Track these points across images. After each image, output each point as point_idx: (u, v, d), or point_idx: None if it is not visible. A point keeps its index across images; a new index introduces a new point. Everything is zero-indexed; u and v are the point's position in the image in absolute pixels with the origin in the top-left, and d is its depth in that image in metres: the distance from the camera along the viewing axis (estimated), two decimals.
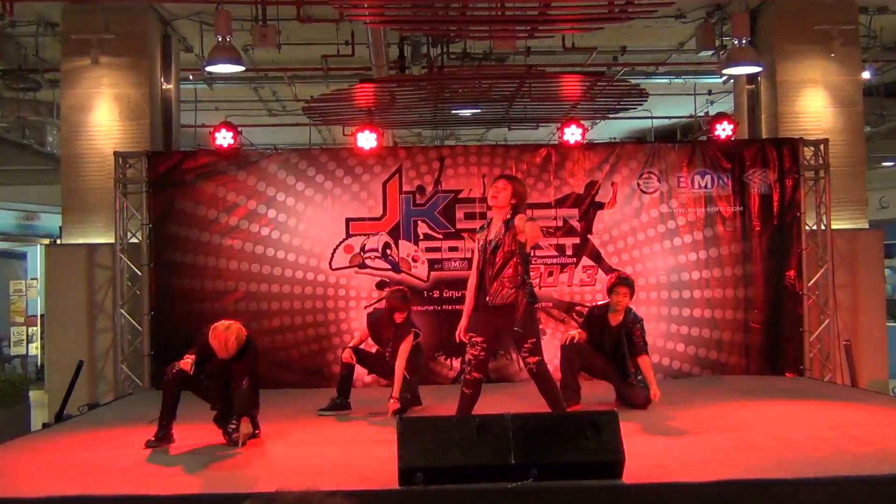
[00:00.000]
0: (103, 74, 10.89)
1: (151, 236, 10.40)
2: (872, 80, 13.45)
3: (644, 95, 12.52)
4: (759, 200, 10.51)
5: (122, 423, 7.98)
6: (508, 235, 6.61)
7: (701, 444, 6.52)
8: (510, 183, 6.81)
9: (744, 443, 6.48)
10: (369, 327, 8.47)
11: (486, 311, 6.70)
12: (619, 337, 8.07)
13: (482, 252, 6.76)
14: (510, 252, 6.59)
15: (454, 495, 5.09)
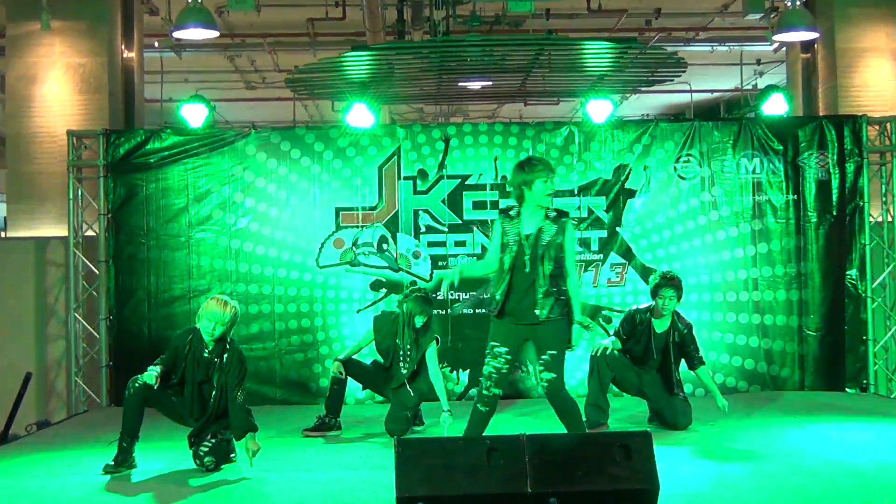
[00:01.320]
0: (55, 41, 10.90)
1: (110, 228, 10.39)
2: None
3: (682, 66, 12.49)
4: (816, 188, 10.49)
5: (76, 445, 7.97)
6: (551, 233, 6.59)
7: (748, 471, 6.51)
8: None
9: (797, 469, 6.48)
10: (376, 332, 8.44)
11: (514, 318, 6.69)
12: (667, 345, 8.07)
13: (517, 245, 6.73)
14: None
15: None
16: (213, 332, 6.73)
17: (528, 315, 6.54)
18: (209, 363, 6.80)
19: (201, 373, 6.81)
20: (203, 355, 6.81)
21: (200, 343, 6.82)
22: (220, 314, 6.72)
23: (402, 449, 5.25)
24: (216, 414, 6.84)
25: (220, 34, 11.10)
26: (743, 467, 6.65)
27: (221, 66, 15.14)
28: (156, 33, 12.65)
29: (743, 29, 13.49)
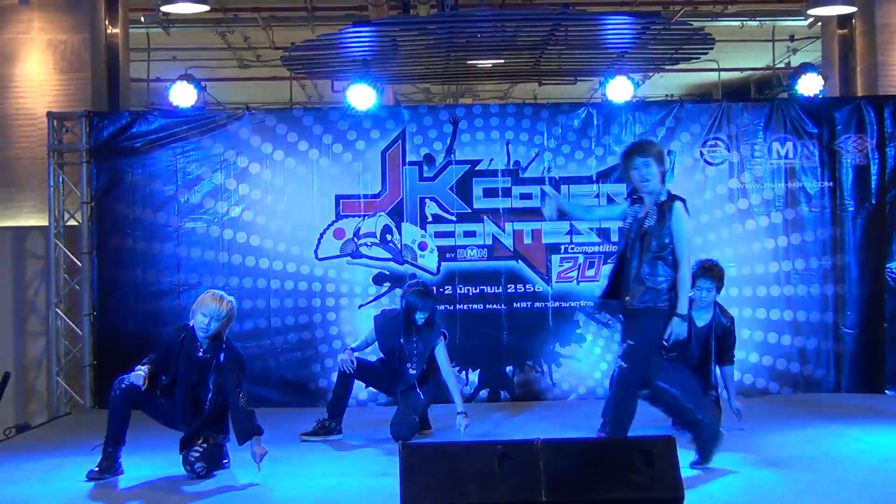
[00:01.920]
0: (34, 17, 10.92)
1: (94, 217, 10.42)
2: None
3: (709, 42, 12.46)
4: (854, 174, 10.49)
5: (58, 450, 8.00)
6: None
7: (780, 479, 6.52)
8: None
9: (832, 476, 6.50)
10: (378, 333, 8.45)
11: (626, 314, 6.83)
12: (708, 340, 8.06)
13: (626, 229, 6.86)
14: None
15: None
16: (207, 329, 6.76)
17: (623, 301, 6.77)
18: (204, 363, 6.84)
19: (195, 374, 6.84)
20: (197, 355, 6.85)
21: (194, 342, 6.85)
22: (216, 310, 6.76)
23: (408, 455, 5.27)
24: (211, 418, 6.86)
25: (210, 8, 11.13)
26: (773, 475, 6.65)
27: (212, 43, 15.14)
28: (142, 7, 12.65)
29: (775, 2, 13.47)
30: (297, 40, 12.63)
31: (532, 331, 10.41)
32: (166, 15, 11.85)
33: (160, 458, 7.35)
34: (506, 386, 10.41)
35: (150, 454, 7.58)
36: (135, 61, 12.97)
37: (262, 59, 15.89)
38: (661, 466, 5.27)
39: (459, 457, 5.42)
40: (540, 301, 10.43)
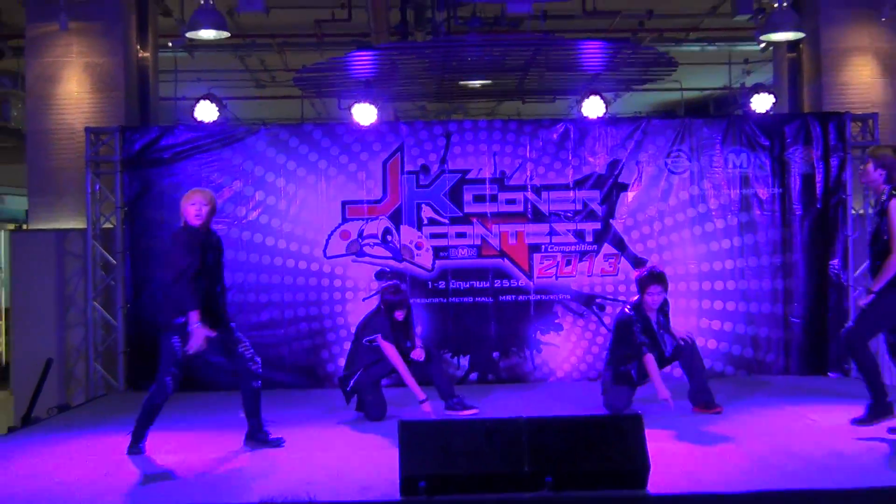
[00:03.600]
0: (73, 41, 10.90)
1: (127, 221, 10.42)
2: None
3: (673, 65, 12.47)
4: (801, 181, 10.50)
5: (95, 427, 8.01)
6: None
7: (734, 452, 6.53)
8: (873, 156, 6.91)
9: (782, 449, 6.51)
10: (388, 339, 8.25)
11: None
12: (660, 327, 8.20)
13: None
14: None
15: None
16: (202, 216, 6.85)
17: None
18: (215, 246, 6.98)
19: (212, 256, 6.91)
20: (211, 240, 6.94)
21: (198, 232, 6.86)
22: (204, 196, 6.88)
23: (406, 430, 5.28)
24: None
25: (230, 34, 11.10)
26: (729, 448, 6.66)
27: (232, 66, 15.12)
28: (169, 34, 12.62)
29: (731, 29, 13.46)
30: (308, 63, 12.64)
31: (516, 321, 10.42)
32: (191, 41, 11.82)
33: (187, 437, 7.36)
34: (493, 369, 10.43)
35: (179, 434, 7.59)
36: (163, 82, 12.94)
37: (276, 79, 15.87)
38: (631, 441, 5.28)
39: (451, 432, 5.43)
40: (523, 294, 10.43)
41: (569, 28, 12.84)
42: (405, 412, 8.08)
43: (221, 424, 7.75)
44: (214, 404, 8.90)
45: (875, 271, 6.87)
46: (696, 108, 17.47)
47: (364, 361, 8.17)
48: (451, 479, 5.14)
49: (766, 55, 13.67)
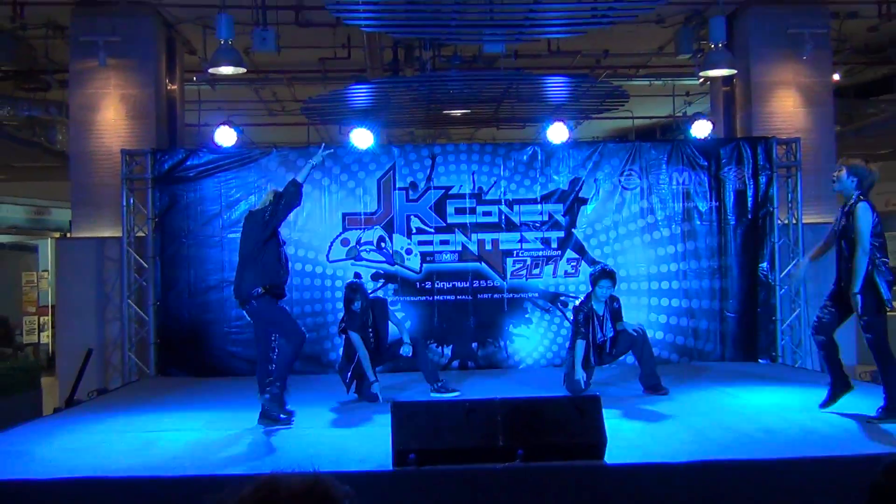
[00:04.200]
0: (110, 75, 10.86)
1: (157, 230, 10.38)
2: (842, 81, 13.48)
3: (625, 96, 12.53)
4: (735, 196, 10.54)
5: (129, 408, 7.96)
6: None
7: (679, 427, 6.54)
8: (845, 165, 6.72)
9: (719, 425, 6.52)
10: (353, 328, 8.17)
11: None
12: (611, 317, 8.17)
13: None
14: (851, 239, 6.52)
15: (445, 476, 5.11)
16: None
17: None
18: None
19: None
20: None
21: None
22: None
23: (398, 410, 5.27)
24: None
25: (247, 70, 11.08)
26: (674, 424, 6.68)
27: (248, 97, 15.07)
28: (194, 69, 12.59)
29: (675, 66, 13.50)
30: (313, 95, 12.65)
31: (492, 315, 10.42)
32: (213, 75, 11.77)
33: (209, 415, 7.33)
34: (472, 358, 10.42)
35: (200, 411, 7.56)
36: (188, 110, 12.90)
37: (286, 108, 15.83)
38: (590, 418, 5.28)
39: (437, 411, 5.43)
40: (498, 293, 10.43)
41: (536, 65, 12.85)
42: (397, 395, 8.06)
43: (239, 406, 7.71)
44: (233, 388, 8.86)
45: (844, 269, 6.62)
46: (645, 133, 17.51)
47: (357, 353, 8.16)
48: (436, 452, 5.13)
49: (705, 88, 13.72)
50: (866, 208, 6.42)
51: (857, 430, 6.25)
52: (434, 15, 9.05)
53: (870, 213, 6.41)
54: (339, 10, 8.87)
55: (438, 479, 5.10)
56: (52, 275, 16.16)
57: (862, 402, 6.79)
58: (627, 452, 5.51)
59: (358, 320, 8.09)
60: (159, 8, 10.98)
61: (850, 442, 5.81)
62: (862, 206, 6.45)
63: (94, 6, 10.65)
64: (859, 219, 6.42)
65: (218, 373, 9.88)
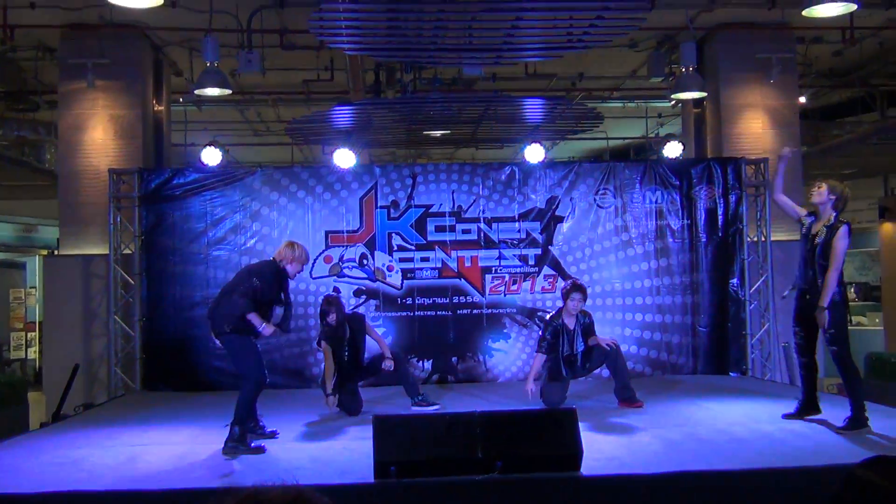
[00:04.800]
0: (98, 96, 10.81)
1: (143, 248, 10.31)
2: (808, 104, 13.63)
3: (600, 118, 12.60)
4: (706, 214, 10.60)
5: (115, 423, 7.88)
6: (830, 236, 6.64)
7: (653, 439, 6.54)
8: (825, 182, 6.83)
9: (692, 437, 6.54)
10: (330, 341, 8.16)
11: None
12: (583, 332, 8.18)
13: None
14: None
15: (426, 487, 5.09)
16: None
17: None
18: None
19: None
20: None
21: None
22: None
23: (379, 423, 5.25)
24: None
25: (232, 92, 11.06)
26: (649, 435, 6.68)
27: (234, 118, 15.05)
28: (180, 91, 12.56)
29: (648, 89, 13.60)
30: (297, 115, 12.65)
31: (471, 331, 10.41)
32: (199, 97, 11.76)
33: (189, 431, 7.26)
34: (452, 372, 10.40)
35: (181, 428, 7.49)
36: (175, 131, 12.86)
37: (270, 129, 15.81)
38: (566, 430, 5.28)
39: (418, 424, 5.41)
40: (477, 308, 10.43)
41: (514, 87, 12.91)
42: (378, 408, 8.03)
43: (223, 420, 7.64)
44: (218, 403, 8.79)
45: (811, 281, 6.70)
46: (619, 153, 17.62)
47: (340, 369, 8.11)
48: (417, 464, 5.11)
49: (676, 110, 13.83)
50: (847, 233, 6.61)
51: (824, 441, 6.28)
52: (415, 39, 9.07)
53: (848, 238, 6.61)
54: (322, 33, 8.88)
55: (419, 490, 5.08)
56: (39, 291, 16.01)
57: (829, 413, 6.84)
58: (603, 464, 5.51)
59: (332, 333, 8.06)
60: (147, 31, 10.95)
61: (818, 453, 5.83)
62: (845, 229, 6.64)
63: (83, 29, 10.61)
64: (840, 239, 6.55)
65: (203, 387, 9.81)
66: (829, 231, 6.64)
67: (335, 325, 8.06)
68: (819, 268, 6.64)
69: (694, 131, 12.03)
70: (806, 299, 6.78)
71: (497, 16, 8.35)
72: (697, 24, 10.90)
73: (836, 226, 6.63)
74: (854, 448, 5.92)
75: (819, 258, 6.64)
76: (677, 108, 13.40)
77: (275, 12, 10.30)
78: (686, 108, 12.38)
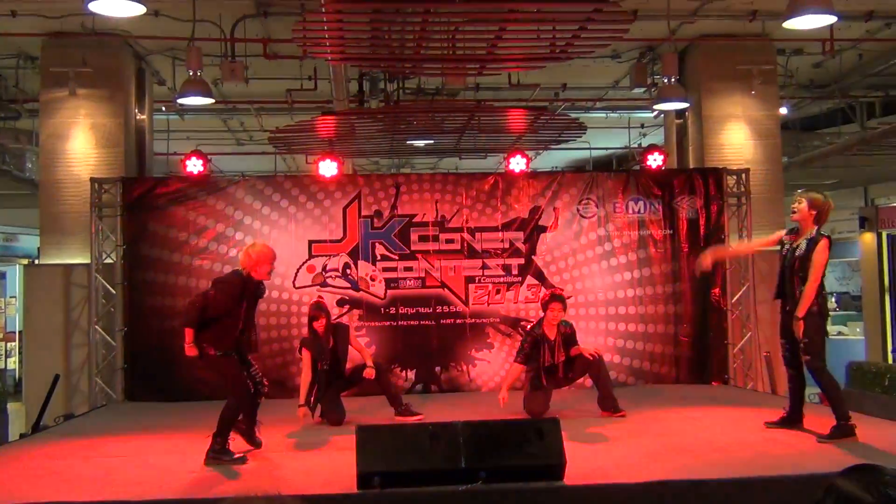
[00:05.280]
0: (80, 105, 10.76)
1: (125, 257, 10.26)
2: (789, 115, 13.74)
3: (583, 128, 12.65)
4: (687, 224, 10.66)
5: (96, 434, 7.82)
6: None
7: (636, 448, 6.55)
8: (805, 196, 6.83)
9: (675, 446, 6.54)
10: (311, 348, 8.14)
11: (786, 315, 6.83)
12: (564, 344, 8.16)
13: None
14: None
15: (409, 498, 5.07)
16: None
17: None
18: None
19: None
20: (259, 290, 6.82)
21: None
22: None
23: (363, 434, 5.23)
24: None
25: (215, 101, 11.04)
26: (632, 444, 6.69)
27: (217, 127, 15.02)
28: (163, 100, 12.52)
29: (630, 100, 13.68)
30: (280, 125, 12.62)
31: (454, 340, 10.40)
32: (182, 106, 11.73)
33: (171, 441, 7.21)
34: (435, 381, 10.38)
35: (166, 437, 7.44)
36: (158, 140, 12.81)
37: (253, 138, 15.78)
38: (550, 440, 5.27)
39: (400, 435, 5.39)
40: (460, 318, 10.43)
41: (497, 98, 12.96)
42: (362, 418, 8.00)
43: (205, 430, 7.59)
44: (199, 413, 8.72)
45: (792, 294, 6.73)
46: (601, 164, 17.69)
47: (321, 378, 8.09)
48: (400, 474, 5.09)
49: (658, 121, 13.90)
50: (828, 247, 6.64)
51: (808, 450, 6.31)
52: (398, 49, 9.09)
53: (828, 251, 6.64)
54: (305, 43, 8.87)
55: (402, 501, 5.06)
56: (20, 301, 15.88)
57: (812, 422, 6.87)
58: (587, 473, 5.50)
59: (316, 341, 8.05)
60: (129, 40, 10.92)
61: (799, 462, 5.86)
62: (825, 242, 6.67)
63: (65, 38, 10.56)
64: (820, 253, 6.61)
65: (185, 398, 9.74)
66: (809, 244, 6.69)
67: (322, 332, 8.04)
68: (799, 280, 6.68)
69: (676, 142, 12.10)
70: (787, 311, 6.82)
71: (481, 26, 8.37)
72: (679, 35, 10.98)
73: (817, 239, 6.67)
74: (835, 457, 5.94)
75: (799, 271, 6.68)
76: (659, 118, 13.47)
77: (258, 22, 10.30)
78: (668, 119, 12.45)
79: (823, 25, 9.10)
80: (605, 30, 8.42)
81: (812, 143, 14.52)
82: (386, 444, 5.21)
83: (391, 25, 8.42)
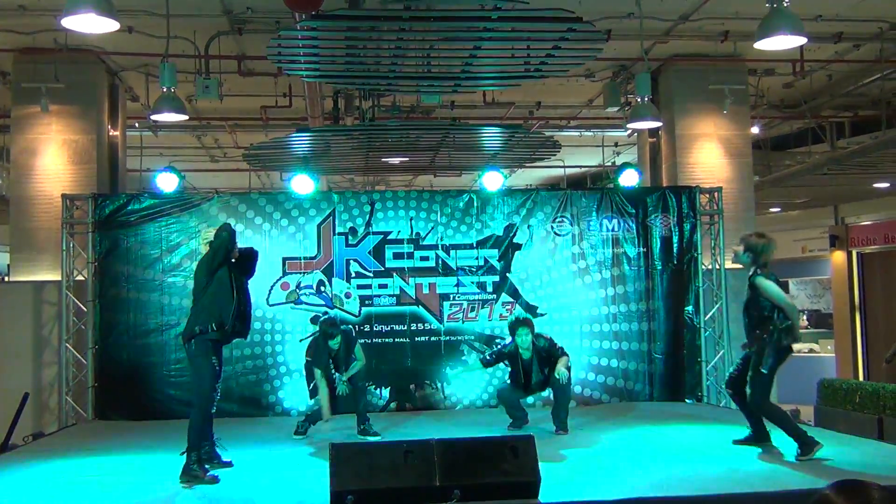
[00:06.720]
0: (53, 121, 10.69)
1: (97, 274, 10.17)
2: (760, 134, 13.91)
3: (557, 146, 12.72)
4: (661, 242, 10.73)
5: (65, 453, 7.73)
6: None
7: (609, 465, 6.58)
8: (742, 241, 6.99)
9: (648, 463, 6.58)
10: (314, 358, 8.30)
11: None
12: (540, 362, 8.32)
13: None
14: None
15: None
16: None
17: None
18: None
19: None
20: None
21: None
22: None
23: (336, 452, 5.22)
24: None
25: (189, 117, 11.01)
26: (605, 461, 6.72)
27: (190, 143, 14.96)
28: (136, 116, 12.47)
29: (604, 119, 13.77)
30: (255, 142, 12.59)
31: (429, 358, 10.39)
32: (155, 122, 11.69)
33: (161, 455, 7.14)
34: (409, 399, 10.36)
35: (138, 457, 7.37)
36: (130, 156, 12.75)
37: (227, 155, 15.74)
38: (524, 458, 5.28)
39: (375, 453, 5.38)
40: (435, 335, 10.43)
41: (472, 116, 13.01)
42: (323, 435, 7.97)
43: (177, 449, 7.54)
44: (171, 431, 8.65)
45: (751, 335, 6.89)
46: (576, 182, 17.78)
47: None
48: (374, 493, 5.08)
49: (632, 139, 14.01)
50: (763, 279, 6.74)
51: (779, 467, 6.36)
52: (373, 66, 9.11)
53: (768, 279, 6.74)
54: (280, 60, 8.88)
55: None
56: None
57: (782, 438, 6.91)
58: (561, 490, 5.52)
59: (328, 357, 8.11)
60: (103, 56, 10.87)
61: (770, 479, 5.91)
62: (758, 279, 6.77)
63: (37, 53, 10.49)
64: (764, 289, 6.73)
65: (156, 416, 9.67)
66: (750, 288, 6.83)
67: (337, 348, 8.12)
68: (750, 319, 6.85)
69: (649, 160, 12.19)
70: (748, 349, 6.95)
71: (456, 45, 8.42)
72: (652, 55, 11.10)
73: (752, 280, 6.78)
74: (805, 475, 6.00)
75: (744, 313, 6.91)
76: (633, 137, 13.57)
77: (233, 38, 10.29)
78: (641, 138, 12.55)
79: (794, 47, 9.23)
80: (579, 49, 8.49)
81: (783, 163, 14.69)
82: (360, 462, 5.19)
83: (366, 42, 8.46)
